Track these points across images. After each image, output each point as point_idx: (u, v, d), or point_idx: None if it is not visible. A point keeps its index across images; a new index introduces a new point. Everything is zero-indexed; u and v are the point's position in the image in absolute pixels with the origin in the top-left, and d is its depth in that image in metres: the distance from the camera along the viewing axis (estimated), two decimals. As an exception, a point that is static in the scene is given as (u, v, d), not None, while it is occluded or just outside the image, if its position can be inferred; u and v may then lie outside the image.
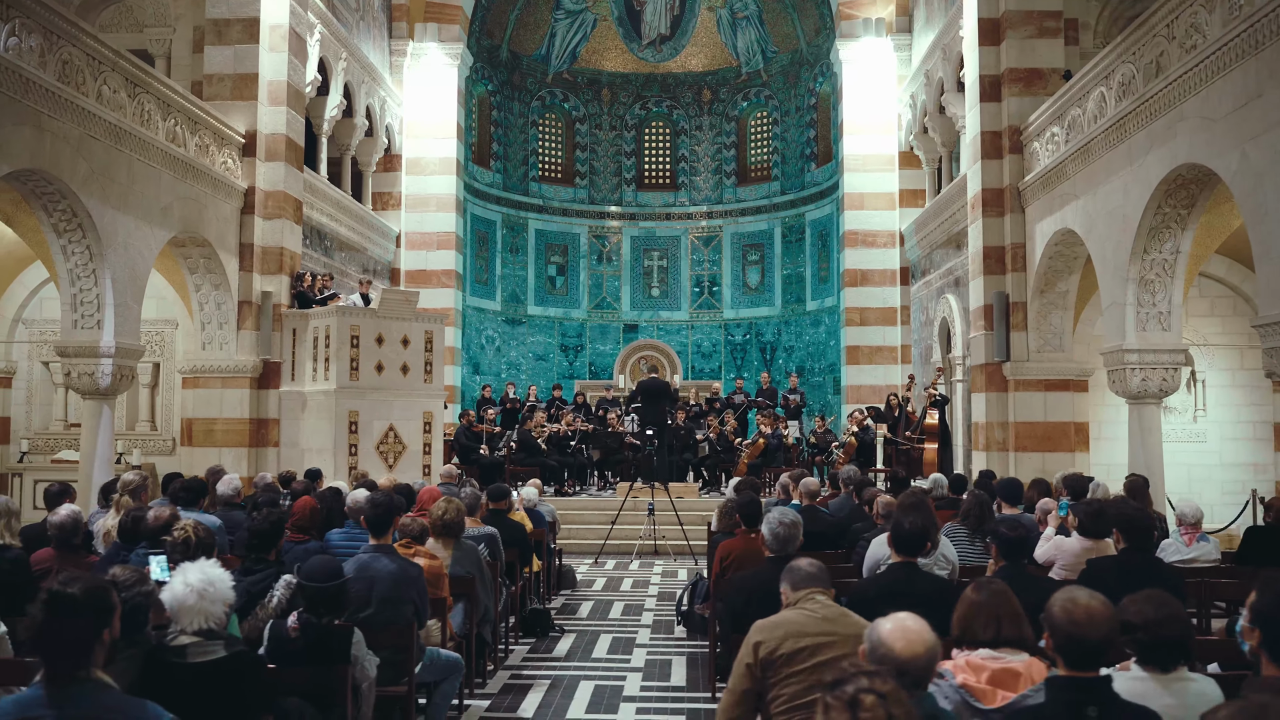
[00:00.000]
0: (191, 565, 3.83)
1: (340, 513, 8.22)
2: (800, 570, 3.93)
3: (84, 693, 2.87)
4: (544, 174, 24.52)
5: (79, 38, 10.62)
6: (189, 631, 3.75)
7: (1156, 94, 10.09)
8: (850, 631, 3.68)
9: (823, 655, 3.62)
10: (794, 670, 3.63)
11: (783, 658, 3.64)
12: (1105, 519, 6.87)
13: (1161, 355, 11.04)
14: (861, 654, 2.90)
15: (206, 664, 3.71)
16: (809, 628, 3.71)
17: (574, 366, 24.27)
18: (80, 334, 11.52)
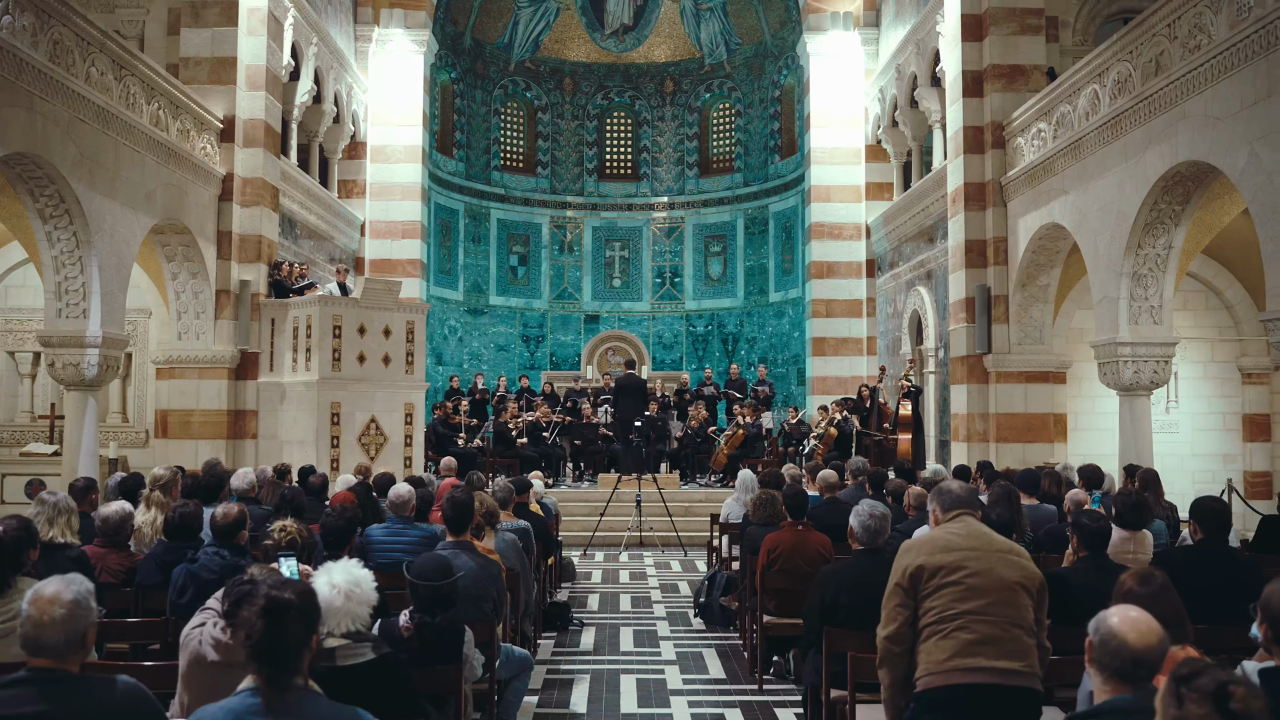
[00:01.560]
0: (335, 566, 3.73)
1: (371, 508, 8.09)
2: (951, 493, 4.21)
3: (298, 700, 2.79)
4: (506, 163, 24.33)
5: (69, 17, 10.29)
6: (336, 634, 3.65)
7: (1157, 92, 10.30)
8: (994, 549, 3.96)
9: (969, 568, 3.88)
10: (943, 583, 3.89)
11: (931, 570, 3.92)
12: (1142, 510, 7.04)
13: (1153, 348, 11.31)
14: (1089, 647, 2.91)
15: (356, 667, 3.63)
16: (956, 543, 3.97)
17: (535, 357, 24.14)
18: (65, 323, 11.17)
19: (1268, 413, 14.56)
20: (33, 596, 2.90)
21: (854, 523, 5.29)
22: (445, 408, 16.28)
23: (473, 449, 16.35)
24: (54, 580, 2.98)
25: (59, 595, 2.91)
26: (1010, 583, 3.88)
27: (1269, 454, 14.50)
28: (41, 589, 2.92)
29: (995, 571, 3.89)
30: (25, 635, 2.86)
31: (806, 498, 7.27)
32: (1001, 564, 3.92)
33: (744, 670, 7.72)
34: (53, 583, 2.96)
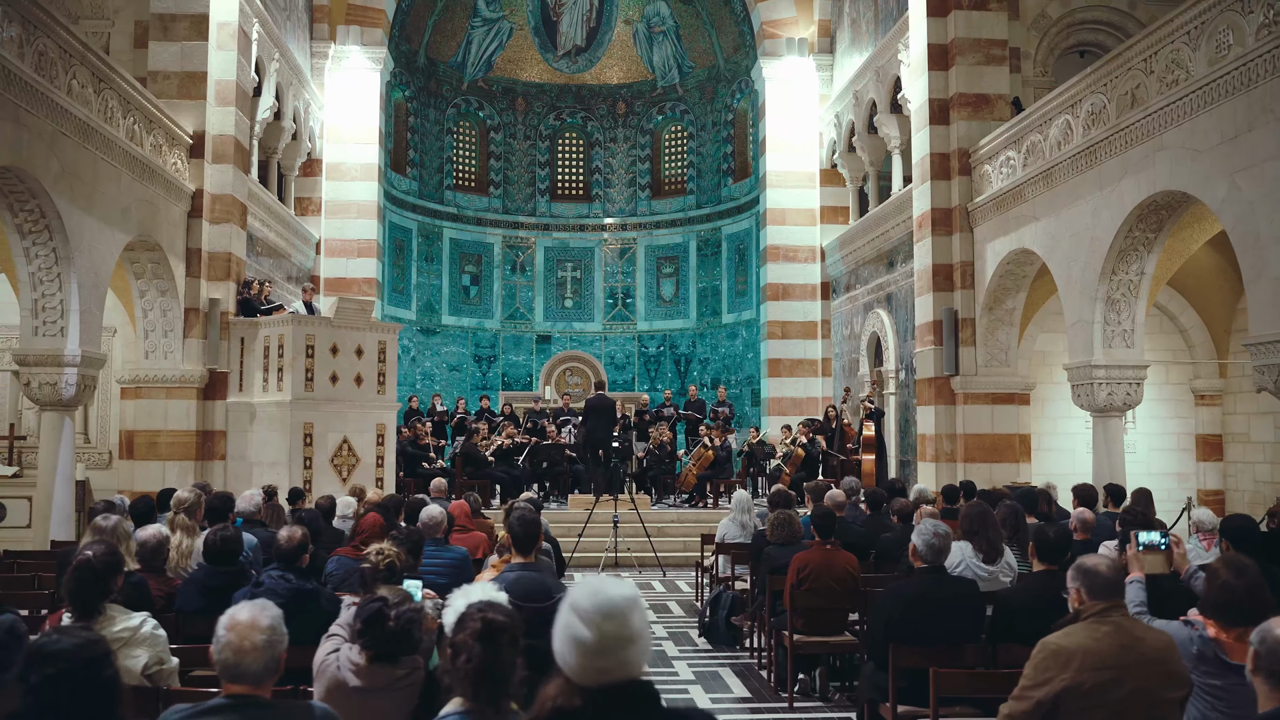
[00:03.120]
0: (473, 589, 3.73)
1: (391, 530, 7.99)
2: (1099, 575, 3.70)
3: (510, 724, 2.80)
4: (459, 182, 24.25)
5: (53, 28, 10.09)
6: (476, 657, 3.64)
7: (1133, 124, 10.70)
8: (1151, 658, 3.53)
9: (1125, 687, 3.50)
10: (1093, 704, 3.51)
11: (1085, 692, 3.52)
12: (1151, 527, 7.28)
13: (1126, 370, 11.70)
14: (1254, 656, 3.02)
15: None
16: (1109, 657, 3.54)
17: (487, 377, 24.03)
18: (42, 341, 10.88)
19: (1220, 433, 15.11)
20: (229, 623, 2.86)
21: (917, 541, 5.41)
22: (415, 428, 16.12)
23: (439, 469, 16.20)
24: (245, 606, 2.95)
25: (257, 621, 2.88)
26: (1168, 700, 3.53)
27: (1221, 473, 15.05)
28: (236, 615, 2.89)
29: (1154, 693, 3.50)
30: (225, 662, 2.82)
31: (834, 518, 7.38)
32: (1159, 679, 3.51)
33: (765, 688, 7.79)
34: (245, 608, 2.93)
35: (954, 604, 5.35)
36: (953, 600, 5.36)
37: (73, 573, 4.21)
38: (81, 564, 4.24)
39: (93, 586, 4.23)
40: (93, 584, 4.23)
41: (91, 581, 4.23)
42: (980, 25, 14.63)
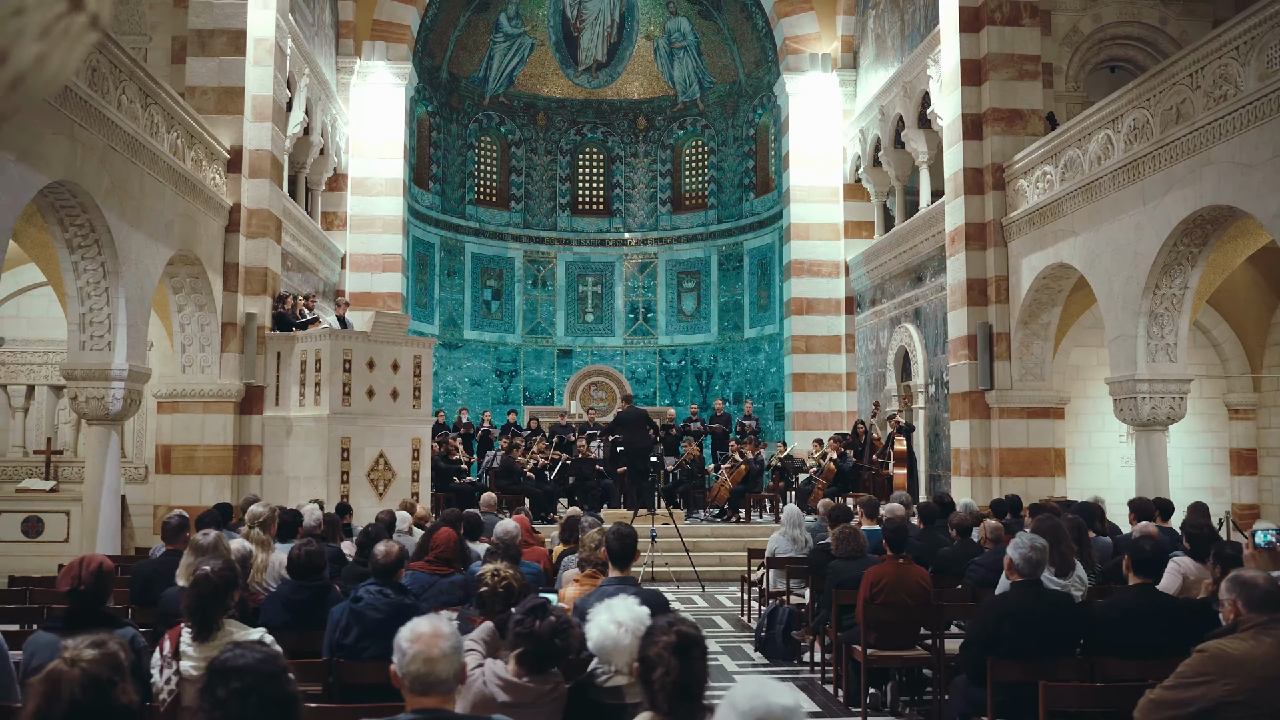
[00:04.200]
0: (616, 603, 3.73)
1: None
2: (1259, 588, 3.71)
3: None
4: (480, 197, 24.29)
5: (106, 44, 10.11)
6: (625, 672, 3.65)
7: (1179, 139, 10.72)
8: None
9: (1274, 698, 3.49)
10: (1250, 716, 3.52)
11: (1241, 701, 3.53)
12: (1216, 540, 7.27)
13: (1170, 385, 11.70)
14: None
15: (646, 703, 3.62)
16: (1273, 668, 3.52)
17: (508, 391, 24.03)
18: (89, 356, 10.89)
19: (1254, 447, 15.11)
20: (412, 635, 2.86)
21: (1014, 554, 5.41)
22: (447, 443, 16.11)
23: (469, 484, 16.20)
24: (422, 619, 2.95)
25: (440, 630, 2.88)
26: None
27: (1256, 487, 15.03)
28: (418, 627, 2.89)
29: None
30: (416, 674, 2.82)
31: (907, 532, 7.38)
32: None
33: (833, 702, 7.77)
34: (423, 621, 2.93)
35: (1051, 617, 5.34)
36: (1050, 613, 5.36)
37: (193, 588, 4.22)
38: (201, 580, 4.24)
39: (213, 602, 4.24)
40: (212, 599, 4.24)
41: (211, 597, 4.23)
42: (1013, 40, 14.68)
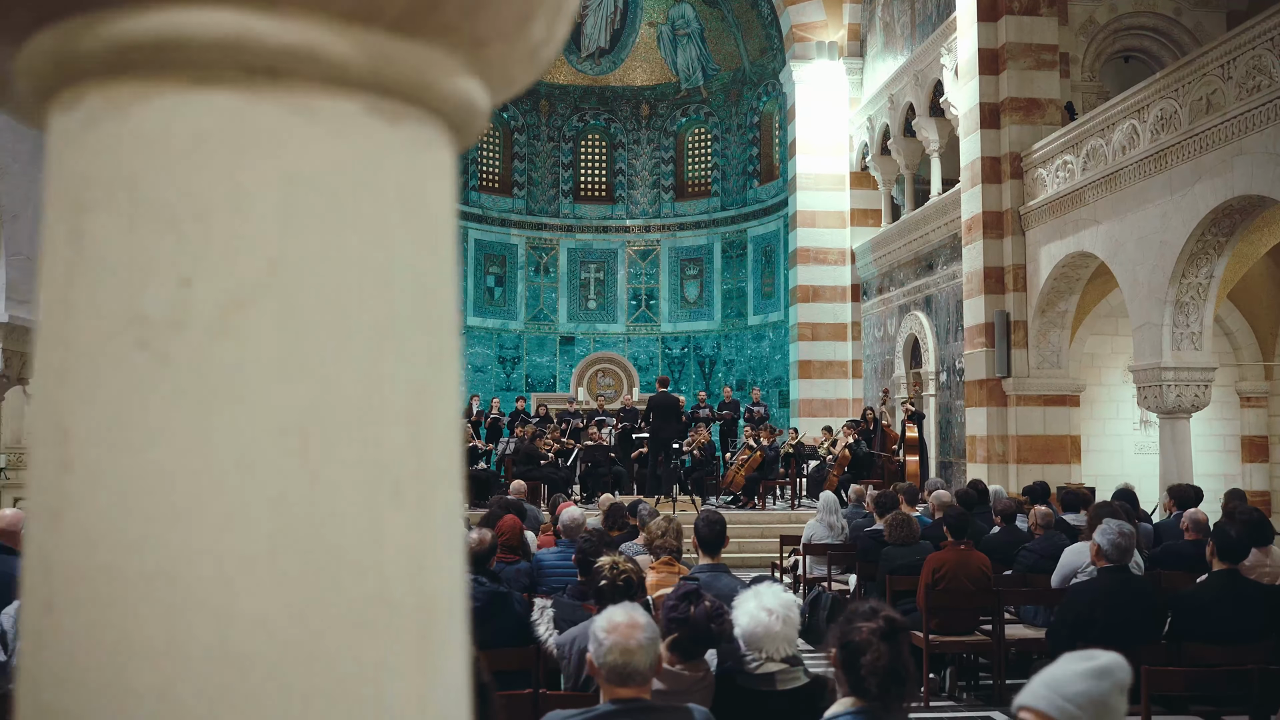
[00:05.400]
0: (764, 590, 3.75)
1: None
2: None
3: (897, 719, 2.85)
4: (483, 183, 24.19)
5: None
6: (776, 658, 3.67)
7: (1209, 129, 10.81)
8: None
9: None
10: None
11: None
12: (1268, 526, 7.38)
13: (1195, 373, 11.82)
14: None
15: (796, 690, 3.66)
16: None
17: (511, 378, 23.99)
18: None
19: (1265, 435, 15.29)
20: (609, 625, 2.86)
21: (1101, 540, 5.46)
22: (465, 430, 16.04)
23: (484, 471, 16.19)
24: (615, 609, 2.95)
25: (635, 619, 2.88)
26: None
27: (1268, 474, 15.22)
28: (614, 617, 2.89)
29: None
30: (614, 664, 2.82)
31: (969, 519, 7.43)
32: None
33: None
34: (618, 611, 2.93)
35: (1140, 603, 5.40)
36: (1138, 599, 5.41)
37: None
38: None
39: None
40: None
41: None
42: (1031, 30, 14.74)
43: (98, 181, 0.68)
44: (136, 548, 0.65)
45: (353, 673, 0.66)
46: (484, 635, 4.91)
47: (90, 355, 0.67)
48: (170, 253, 0.66)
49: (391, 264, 0.71)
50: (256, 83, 0.66)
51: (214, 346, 0.66)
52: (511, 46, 0.77)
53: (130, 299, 0.67)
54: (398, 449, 0.69)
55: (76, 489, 0.67)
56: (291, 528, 0.65)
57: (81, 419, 0.67)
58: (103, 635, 0.65)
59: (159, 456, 0.65)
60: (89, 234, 0.68)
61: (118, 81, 0.67)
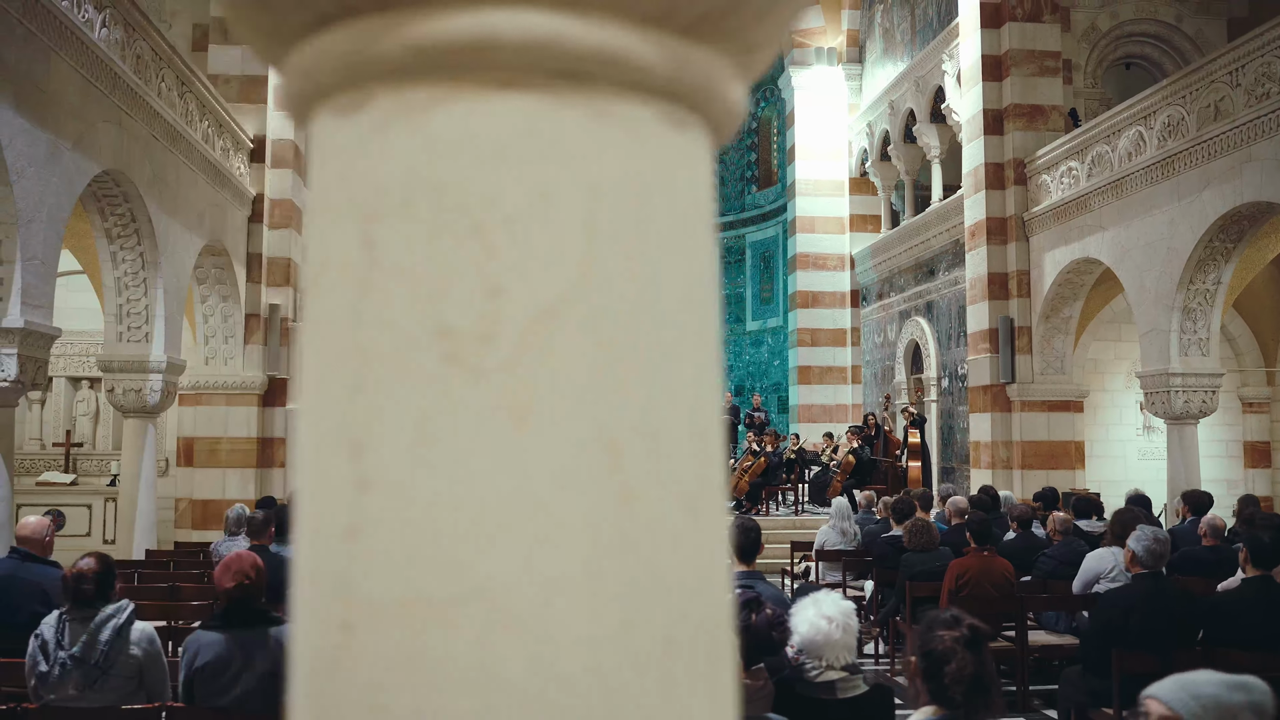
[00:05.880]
0: (822, 597, 3.74)
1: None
2: None
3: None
4: (481, 188, 24.14)
5: (148, 30, 9.97)
6: (836, 666, 3.66)
7: (1217, 136, 10.84)
8: None
9: None
10: None
11: None
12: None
13: (1202, 379, 11.85)
14: None
15: (856, 699, 3.64)
16: None
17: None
18: (127, 347, 10.74)
19: (1268, 440, 15.34)
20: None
21: (1136, 547, 5.45)
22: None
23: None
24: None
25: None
26: None
27: (1270, 480, 15.27)
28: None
29: None
30: None
31: (991, 524, 7.43)
32: None
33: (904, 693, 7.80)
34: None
35: (1174, 609, 5.39)
36: (1173, 605, 5.40)
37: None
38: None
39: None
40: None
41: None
42: (1034, 37, 14.79)
43: (391, 188, 0.66)
44: (448, 568, 0.63)
45: (662, 692, 0.64)
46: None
47: (389, 368, 0.65)
48: (477, 262, 0.64)
49: (680, 273, 0.69)
50: (558, 87, 0.64)
51: (525, 359, 0.63)
52: (767, 53, 0.76)
53: (435, 310, 0.64)
54: (690, 462, 0.67)
55: (377, 506, 0.64)
56: (605, 545, 0.63)
57: (380, 434, 0.64)
58: (410, 657, 0.62)
59: (470, 473, 0.63)
60: (383, 242, 0.66)
61: (412, 84, 0.65)
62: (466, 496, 0.63)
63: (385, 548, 0.64)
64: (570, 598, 0.62)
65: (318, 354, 0.67)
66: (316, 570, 0.67)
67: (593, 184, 0.65)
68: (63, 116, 8.12)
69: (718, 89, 0.71)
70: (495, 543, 0.62)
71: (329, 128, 0.68)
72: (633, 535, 0.63)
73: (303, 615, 0.66)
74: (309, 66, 0.67)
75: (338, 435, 0.66)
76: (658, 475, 0.65)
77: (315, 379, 0.68)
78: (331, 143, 0.68)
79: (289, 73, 0.69)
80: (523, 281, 0.63)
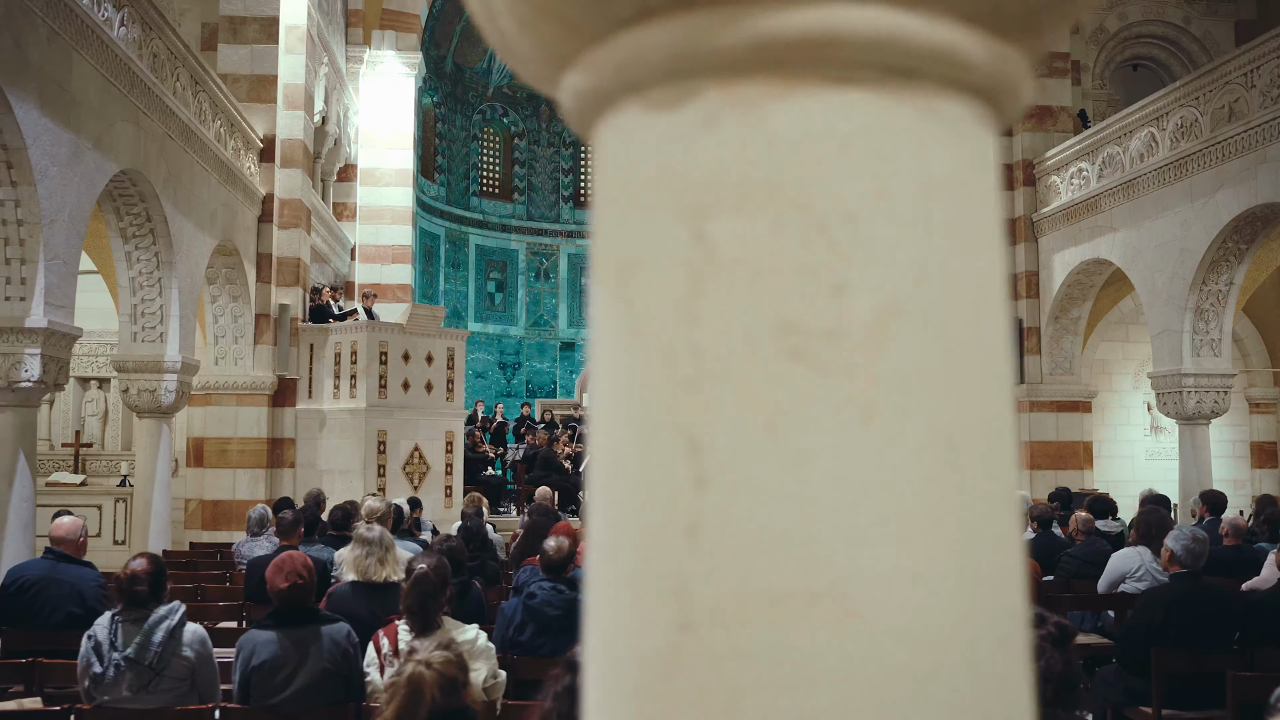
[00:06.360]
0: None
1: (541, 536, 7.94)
2: None
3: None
4: (484, 189, 24.15)
5: (164, 29, 9.94)
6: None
7: (1231, 137, 10.88)
8: None
9: None
10: None
11: None
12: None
13: (1214, 379, 11.88)
14: None
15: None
16: None
17: (511, 384, 23.93)
18: (141, 348, 10.72)
19: (1275, 440, 15.39)
20: None
21: (1175, 546, 5.47)
22: (473, 435, 16.02)
23: (493, 477, 16.14)
24: None
25: None
26: None
27: (1277, 480, 15.32)
28: None
29: None
30: None
31: (1016, 524, 7.43)
32: None
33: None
34: None
35: (1213, 608, 5.41)
36: (1212, 605, 5.42)
37: (414, 587, 4.17)
38: (421, 578, 4.19)
39: (433, 599, 4.20)
40: (433, 597, 4.20)
41: (431, 595, 4.20)
42: (1044, 38, 14.78)
43: (725, 183, 0.66)
44: (798, 565, 0.62)
45: (1000, 692, 0.64)
46: (566, 643, 4.87)
47: (730, 365, 0.64)
48: (819, 258, 0.64)
49: (994, 267, 0.69)
50: (891, 83, 0.64)
51: (869, 356, 0.63)
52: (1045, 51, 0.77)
53: (778, 306, 0.64)
54: (1008, 460, 0.68)
55: (716, 505, 0.64)
56: (948, 542, 0.63)
57: (720, 431, 0.64)
58: (759, 656, 0.62)
59: (818, 470, 0.63)
60: (717, 238, 0.65)
61: (744, 79, 0.65)
62: (815, 493, 0.62)
63: (728, 545, 0.63)
64: (919, 594, 0.62)
65: (635, 352, 0.67)
66: (643, 570, 0.66)
67: (926, 181, 0.66)
68: (84, 116, 8.10)
69: (1019, 87, 0.71)
70: (845, 539, 0.62)
71: (638, 123, 0.68)
72: (970, 533, 0.64)
73: (626, 617, 0.66)
74: (623, 60, 0.67)
75: (670, 433, 0.65)
76: (985, 471, 0.65)
77: (634, 377, 0.68)
78: (644, 138, 0.68)
79: (588, 67, 0.69)
80: (865, 278, 0.63)
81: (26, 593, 5.42)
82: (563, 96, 0.77)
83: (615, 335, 0.70)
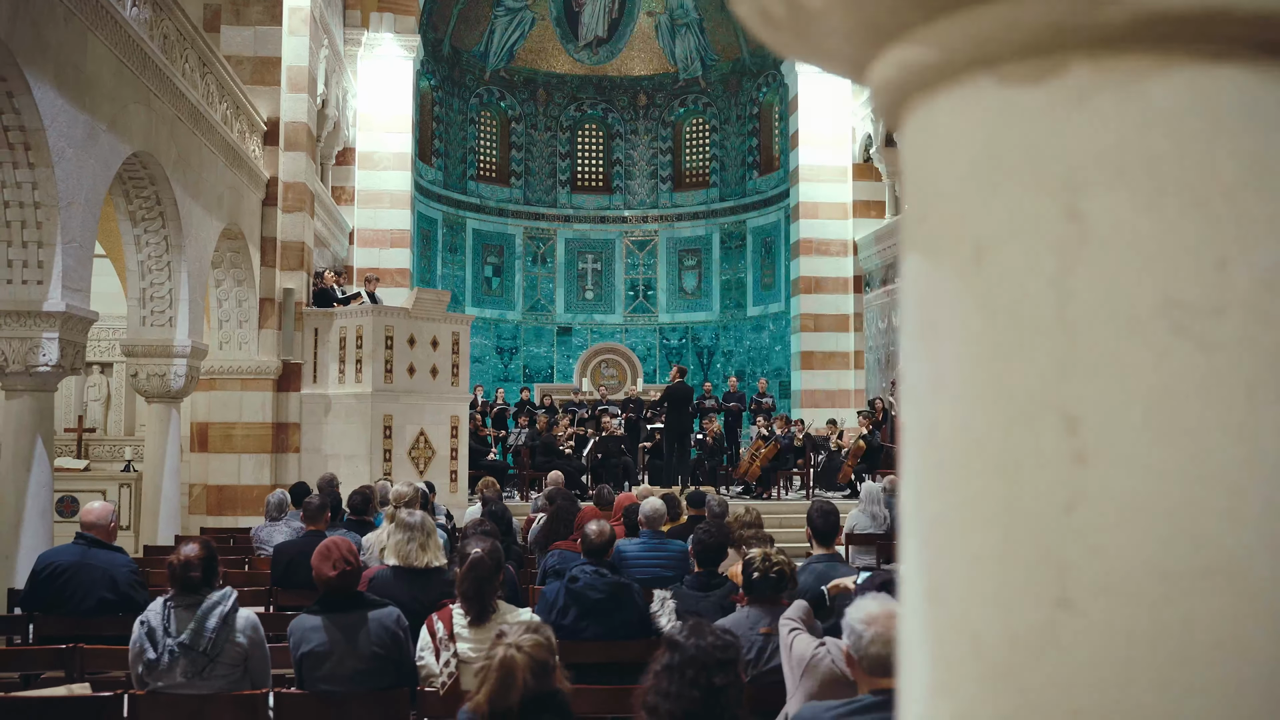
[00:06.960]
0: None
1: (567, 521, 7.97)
2: None
3: None
4: (481, 173, 24.07)
5: (173, 10, 9.86)
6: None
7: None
8: None
9: None
10: None
11: None
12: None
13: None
14: None
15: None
16: None
17: (509, 369, 23.90)
18: (150, 332, 10.66)
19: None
20: (867, 618, 2.84)
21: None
22: (475, 420, 16.00)
23: (495, 462, 16.13)
24: (868, 599, 2.95)
25: (892, 610, 2.87)
26: None
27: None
28: (869, 608, 2.88)
29: None
30: (876, 656, 2.81)
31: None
32: None
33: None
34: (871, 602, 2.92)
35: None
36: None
37: (470, 571, 4.18)
38: (477, 562, 4.20)
39: (488, 584, 4.21)
40: (488, 581, 4.21)
41: (487, 579, 4.20)
42: (1049, 23, 14.81)
43: (1101, 159, 0.66)
44: (1186, 541, 0.63)
45: None
46: (609, 627, 4.89)
47: (1109, 342, 0.64)
48: (1200, 233, 0.64)
49: None
50: (1261, 60, 0.64)
51: (1252, 330, 0.63)
52: None
53: (1160, 283, 0.64)
54: None
55: (1098, 480, 0.64)
56: None
57: (1099, 407, 0.64)
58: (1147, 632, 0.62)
59: (1205, 446, 0.63)
60: (1091, 214, 0.65)
61: (1115, 55, 0.65)
62: (1203, 469, 0.63)
63: (1111, 521, 0.63)
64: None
65: (998, 330, 0.67)
66: (1014, 548, 0.66)
67: (1297, 155, 0.65)
68: (99, 98, 8.04)
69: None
70: (1234, 515, 0.62)
71: (994, 98, 0.68)
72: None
73: (992, 596, 0.66)
74: (982, 33, 0.67)
75: (1043, 410, 0.65)
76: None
77: (996, 356, 0.67)
78: (1003, 113, 0.68)
79: (925, 40, 0.69)
80: (1244, 253, 0.63)
81: (59, 579, 5.40)
82: (879, 70, 0.76)
83: (970, 314, 0.69)
